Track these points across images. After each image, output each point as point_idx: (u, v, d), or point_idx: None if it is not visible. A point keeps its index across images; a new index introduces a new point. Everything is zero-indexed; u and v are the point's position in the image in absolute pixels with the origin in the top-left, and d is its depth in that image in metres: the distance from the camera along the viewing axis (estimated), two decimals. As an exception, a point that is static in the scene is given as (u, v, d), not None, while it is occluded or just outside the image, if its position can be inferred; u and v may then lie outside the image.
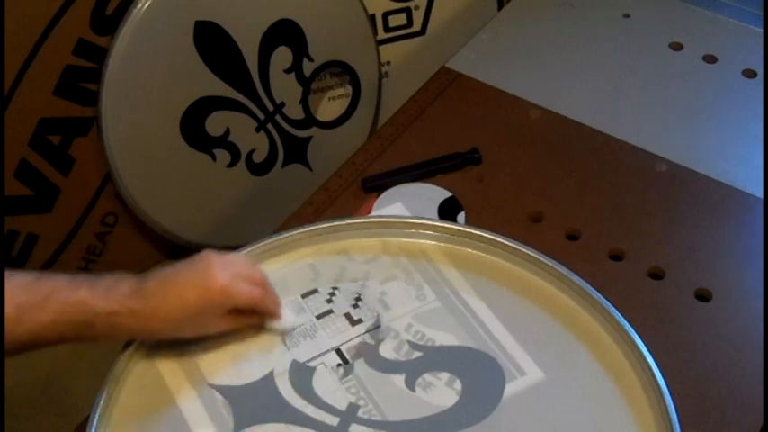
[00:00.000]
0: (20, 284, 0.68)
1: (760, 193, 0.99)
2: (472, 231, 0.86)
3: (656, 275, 0.92)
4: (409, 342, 0.79)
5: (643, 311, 0.87)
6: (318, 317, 0.81)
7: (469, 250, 0.86)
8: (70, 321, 0.69)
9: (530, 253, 0.84)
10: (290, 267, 0.85)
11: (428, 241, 0.87)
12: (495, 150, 1.04)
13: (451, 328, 0.80)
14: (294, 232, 0.86)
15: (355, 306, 0.82)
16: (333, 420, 0.74)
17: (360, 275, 0.84)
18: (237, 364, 0.78)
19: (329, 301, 0.83)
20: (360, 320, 0.81)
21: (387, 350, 0.79)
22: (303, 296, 0.83)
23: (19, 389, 1.12)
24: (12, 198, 1.21)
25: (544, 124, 1.08)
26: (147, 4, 1.16)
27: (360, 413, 0.74)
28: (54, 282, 0.69)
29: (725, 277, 0.91)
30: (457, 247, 0.86)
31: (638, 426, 0.73)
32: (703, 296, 0.90)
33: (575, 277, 0.82)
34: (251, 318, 0.78)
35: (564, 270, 0.83)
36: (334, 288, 0.84)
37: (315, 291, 0.83)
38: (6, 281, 0.67)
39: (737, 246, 0.95)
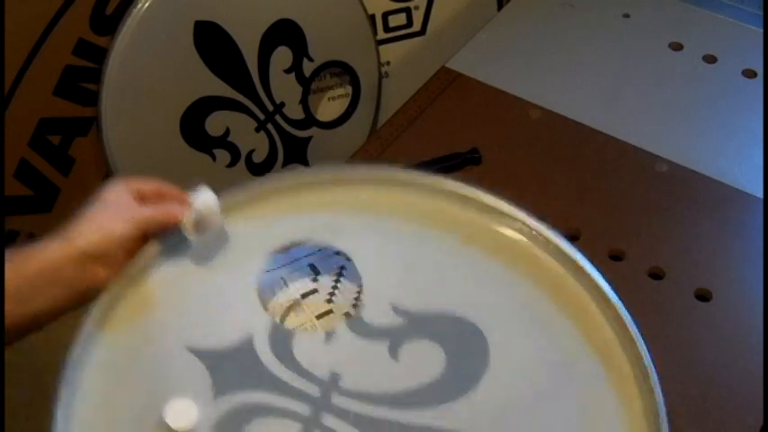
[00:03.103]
0: None
1: (760, 193, 0.99)
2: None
3: (656, 275, 0.92)
4: (393, 306, 0.77)
5: (643, 311, 0.87)
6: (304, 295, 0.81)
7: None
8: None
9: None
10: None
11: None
12: (495, 150, 1.04)
13: (434, 291, 0.78)
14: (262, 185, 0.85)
15: (341, 276, 0.82)
16: (314, 390, 0.72)
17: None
18: (218, 324, 0.76)
19: (314, 280, 0.82)
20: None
21: (370, 315, 0.76)
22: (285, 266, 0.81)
23: (19, 389, 1.12)
24: (12, 198, 1.21)
25: (544, 124, 1.08)
26: (147, 4, 1.16)
27: (341, 383, 0.72)
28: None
29: (725, 277, 0.91)
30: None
31: (622, 401, 0.72)
32: (703, 296, 0.90)
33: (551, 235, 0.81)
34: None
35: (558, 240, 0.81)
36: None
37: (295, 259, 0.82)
38: None
39: (737, 246, 0.95)
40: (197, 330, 0.75)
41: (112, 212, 0.74)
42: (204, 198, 0.79)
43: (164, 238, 0.79)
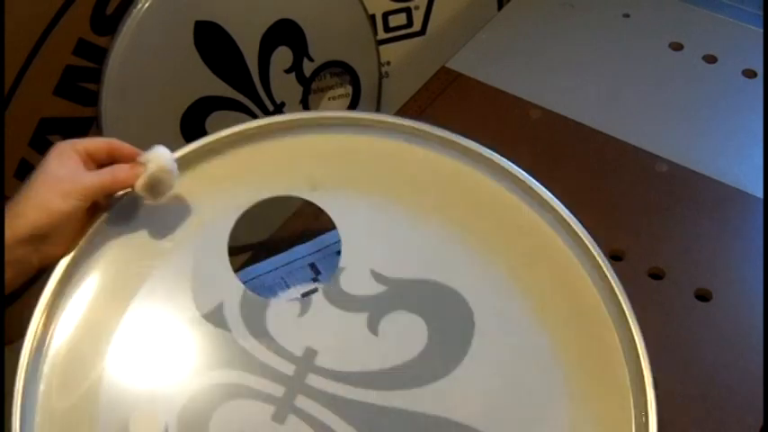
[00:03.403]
0: None
1: (760, 193, 0.99)
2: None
3: (656, 275, 0.92)
4: (372, 272, 0.72)
5: (643, 311, 0.87)
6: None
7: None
8: None
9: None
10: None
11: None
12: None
13: (415, 258, 0.75)
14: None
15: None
16: (288, 369, 0.68)
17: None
18: (184, 292, 0.71)
19: (315, 279, 0.81)
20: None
21: (348, 283, 0.72)
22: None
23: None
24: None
25: (544, 124, 1.08)
26: (147, 4, 1.16)
27: (317, 361, 0.68)
28: None
29: (725, 277, 0.91)
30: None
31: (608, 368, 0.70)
32: (703, 296, 0.90)
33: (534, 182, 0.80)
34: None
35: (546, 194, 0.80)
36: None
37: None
38: None
39: (737, 246, 0.95)
40: (161, 300, 0.70)
41: (53, 186, 0.69)
42: (159, 157, 0.73)
43: (117, 201, 0.74)
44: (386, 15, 1.41)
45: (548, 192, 0.78)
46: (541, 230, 0.77)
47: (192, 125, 1.27)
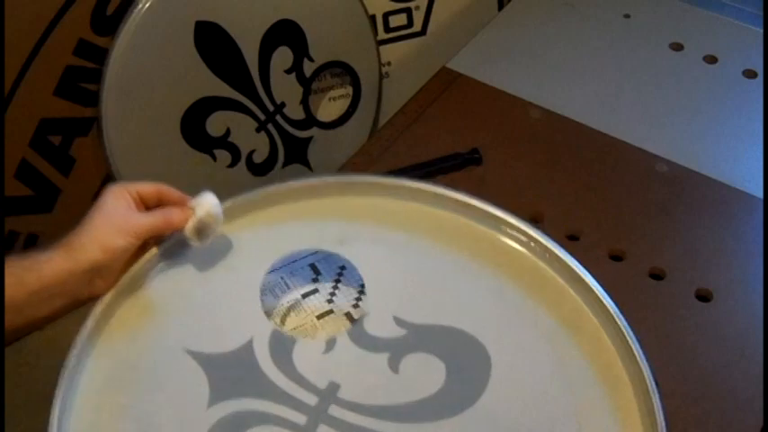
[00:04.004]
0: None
1: (760, 193, 0.99)
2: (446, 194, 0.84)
3: (657, 275, 0.92)
4: (395, 318, 0.76)
5: (643, 311, 0.87)
6: (305, 295, 0.81)
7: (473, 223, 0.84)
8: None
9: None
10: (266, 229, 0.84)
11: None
12: (496, 150, 1.04)
13: (437, 304, 0.79)
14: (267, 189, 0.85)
15: (339, 279, 0.82)
16: (311, 399, 0.71)
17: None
18: (218, 328, 0.76)
19: (315, 280, 0.82)
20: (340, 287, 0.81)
21: (371, 326, 0.76)
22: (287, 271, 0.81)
23: (19, 389, 1.12)
24: (12, 198, 1.21)
25: (544, 124, 1.08)
26: (147, 5, 1.16)
27: (339, 393, 0.72)
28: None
29: (725, 277, 0.92)
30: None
31: (619, 410, 0.72)
32: (703, 296, 0.90)
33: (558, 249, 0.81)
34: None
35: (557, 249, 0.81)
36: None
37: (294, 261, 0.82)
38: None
39: (737, 246, 0.95)
40: (197, 334, 0.75)
41: (113, 224, 0.74)
42: (207, 203, 0.78)
43: (164, 241, 0.79)
44: (386, 15, 1.41)
45: (580, 265, 0.80)
46: (573, 301, 0.80)
47: (193, 125, 1.27)
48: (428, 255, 0.82)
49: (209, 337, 0.75)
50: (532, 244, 0.82)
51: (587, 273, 0.80)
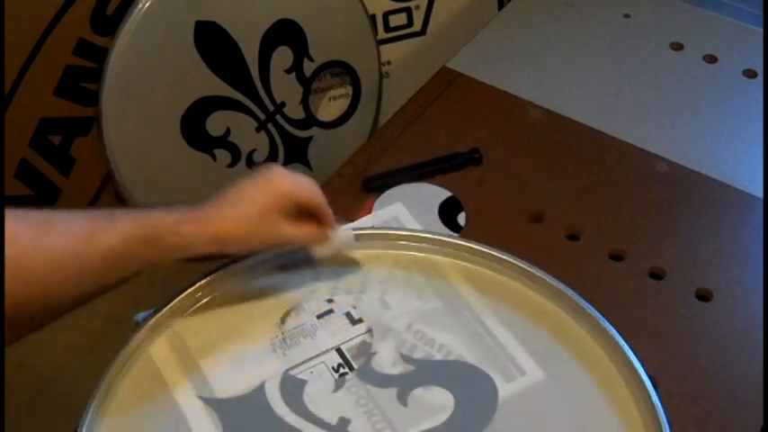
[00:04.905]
0: (86, 214, 0.71)
1: (760, 193, 0.99)
2: (483, 250, 0.86)
3: (657, 275, 0.92)
4: (402, 355, 0.79)
5: (643, 311, 0.87)
6: (319, 316, 0.82)
7: (478, 268, 0.86)
8: (140, 237, 0.71)
9: (533, 271, 0.84)
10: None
11: (438, 256, 0.87)
12: (496, 150, 1.04)
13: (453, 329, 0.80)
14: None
15: (355, 307, 0.82)
16: None
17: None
18: (234, 368, 0.78)
19: (330, 300, 0.83)
20: (360, 320, 0.81)
21: (379, 363, 0.78)
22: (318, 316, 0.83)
23: (18, 389, 1.12)
24: (12, 198, 1.21)
25: (544, 124, 1.08)
26: (147, 4, 1.16)
27: (350, 427, 0.74)
28: (117, 210, 0.73)
29: (725, 277, 0.91)
30: (467, 264, 0.86)
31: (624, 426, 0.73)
32: (703, 296, 0.90)
33: (570, 292, 0.82)
34: (310, 227, 0.79)
35: (557, 284, 0.82)
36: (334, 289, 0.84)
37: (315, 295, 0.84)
38: (70, 213, 0.71)
39: (738, 246, 0.95)
40: (209, 380, 0.77)
41: (258, 223, 0.75)
42: (344, 239, 0.82)
43: None
44: (386, 15, 1.41)
45: (602, 317, 0.81)
46: (593, 351, 0.80)
47: (193, 125, 1.27)
48: (440, 292, 0.84)
49: (227, 376, 0.77)
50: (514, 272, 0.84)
51: (588, 305, 0.81)
